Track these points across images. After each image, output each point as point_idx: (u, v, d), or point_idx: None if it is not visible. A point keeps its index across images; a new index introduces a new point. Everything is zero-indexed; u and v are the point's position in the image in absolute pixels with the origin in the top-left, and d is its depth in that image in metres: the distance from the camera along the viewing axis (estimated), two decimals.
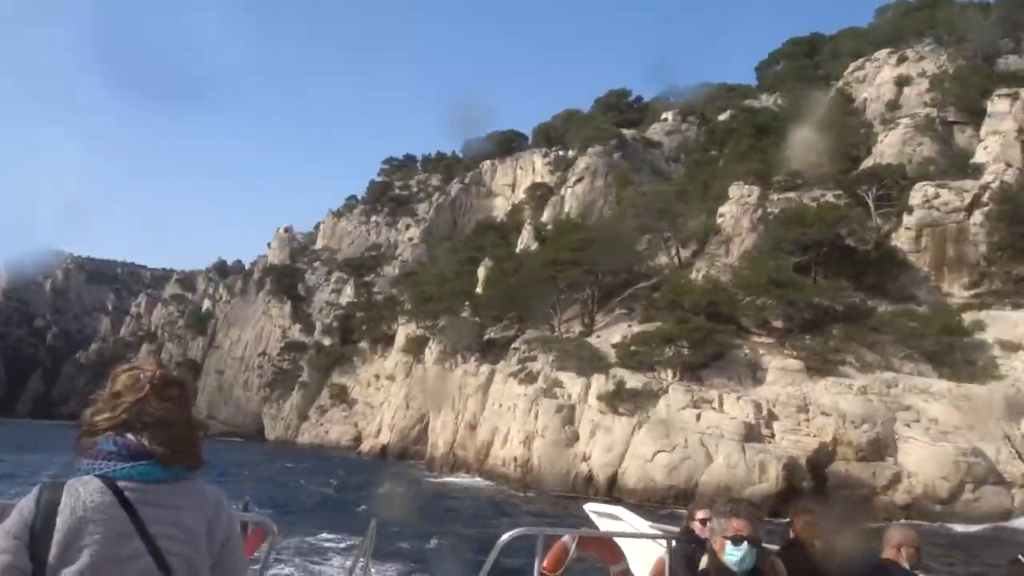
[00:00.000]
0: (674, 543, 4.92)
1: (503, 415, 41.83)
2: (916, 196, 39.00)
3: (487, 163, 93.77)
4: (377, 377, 74.53)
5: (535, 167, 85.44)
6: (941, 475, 29.56)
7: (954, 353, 34.16)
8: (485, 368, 46.78)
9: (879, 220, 40.90)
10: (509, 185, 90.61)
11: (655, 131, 66.55)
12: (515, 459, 38.63)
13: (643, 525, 6.16)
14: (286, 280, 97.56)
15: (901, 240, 39.07)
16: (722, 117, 58.63)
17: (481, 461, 42.69)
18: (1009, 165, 38.65)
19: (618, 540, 5.95)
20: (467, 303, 54.61)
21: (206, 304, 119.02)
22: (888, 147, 43.21)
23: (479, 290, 53.72)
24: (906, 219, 38.97)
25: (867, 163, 43.87)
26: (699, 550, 4.09)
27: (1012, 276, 35.96)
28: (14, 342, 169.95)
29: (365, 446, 64.45)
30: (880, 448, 31.30)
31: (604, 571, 6.05)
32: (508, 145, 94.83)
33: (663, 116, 68.35)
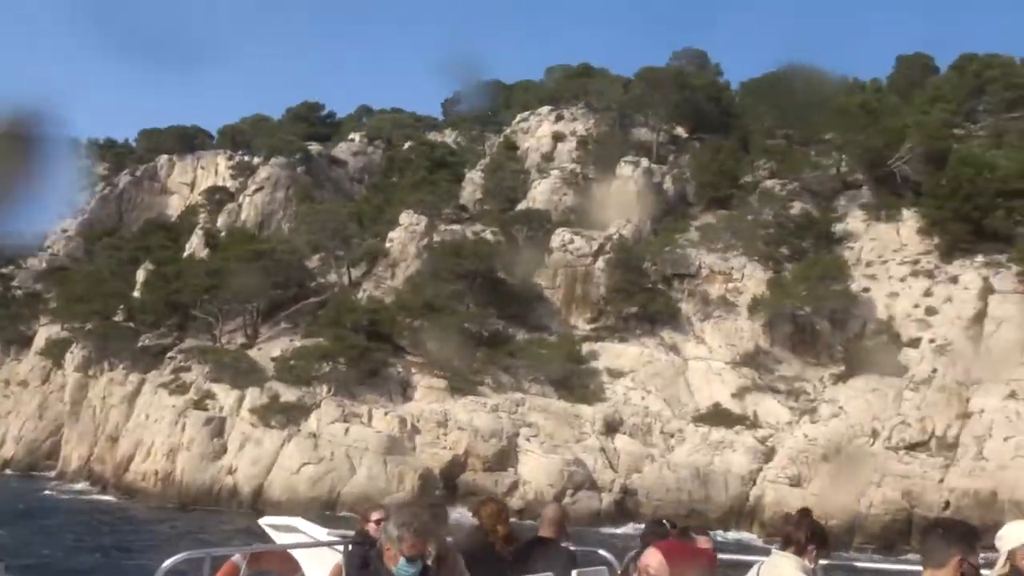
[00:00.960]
0: (350, 547, 5.05)
1: (149, 427, 39.90)
2: (556, 240, 45.00)
3: (164, 157, 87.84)
4: (7, 382, 65.77)
5: (218, 169, 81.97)
6: (549, 482, 34.50)
7: (573, 378, 39.91)
8: (135, 377, 44.15)
9: (527, 257, 46.30)
10: (187, 184, 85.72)
11: (342, 150, 68.00)
12: (156, 472, 37.10)
13: (320, 533, 6.20)
14: None
15: (541, 277, 44.64)
16: (405, 146, 61.94)
17: (119, 476, 40.16)
18: (628, 221, 46.26)
19: (293, 551, 5.86)
20: (122, 306, 51.01)
21: None
22: (540, 193, 49.18)
23: (137, 293, 50.48)
24: (547, 259, 44.65)
25: (523, 205, 49.35)
26: (372, 551, 4.29)
27: (622, 314, 42.93)
28: None
29: None
30: (504, 459, 35.62)
31: None
32: (191, 142, 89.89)
33: (351, 136, 70.08)
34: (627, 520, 33.31)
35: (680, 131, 55.97)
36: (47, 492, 40.71)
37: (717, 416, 38.59)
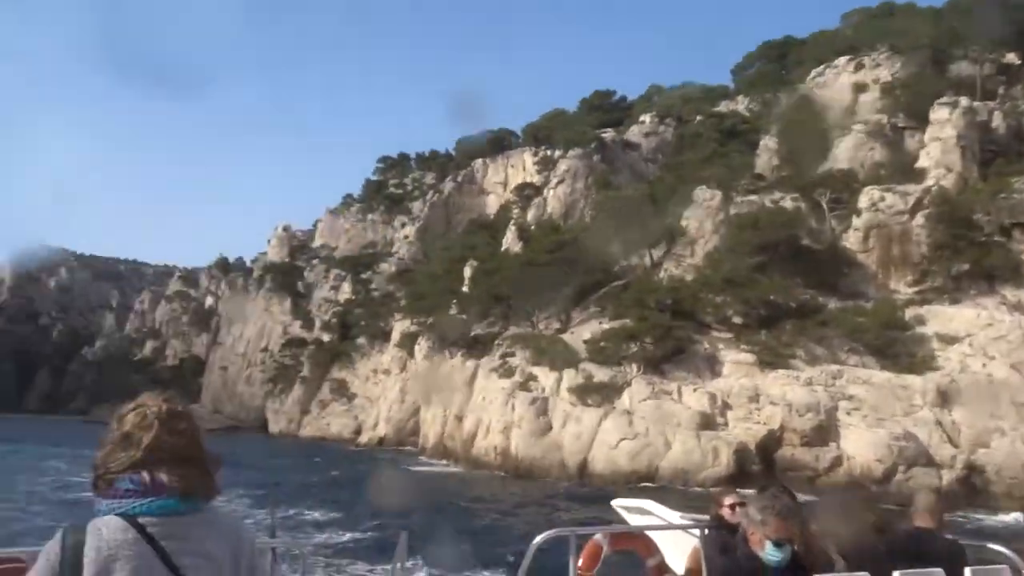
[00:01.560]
0: (706, 531, 4.99)
1: (486, 407, 45.04)
2: (864, 200, 41.97)
3: (479, 161, 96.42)
4: (375, 372, 77.72)
5: (525, 165, 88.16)
6: (876, 458, 32.71)
7: (895, 346, 37.18)
8: (471, 363, 49.95)
9: (833, 222, 43.81)
10: (501, 183, 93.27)
11: (634, 133, 69.45)
12: (495, 448, 41.88)
13: (673, 516, 6.21)
14: (286, 278, 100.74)
15: (850, 241, 42.03)
16: (696, 119, 61.49)
17: (467, 451, 45.89)
18: (949, 170, 41.58)
19: (650, 533, 5.94)
20: (455, 301, 57.73)
21: (209, 301, 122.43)
22: (843, 152, 46.13)
23: (465, 288, 56.72)
24: (855, 221, 41.91)
25: (824, 167, 46.71)
26: (731, 536, 4.24)
27: (951, 273, 38.90)
28: (21, 339, 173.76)
29: (363, 438, 67.87)
30: (823, 434, 34.47)
31: (639, 566, 6.02)
32: (500, 143, 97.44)
33: (641, 119, 71.16)
34: (976, 503, 30.41)
35: (1012, 57, 48.49)
36: (413, 468, 47.29)
37: None
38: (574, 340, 43.73)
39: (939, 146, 42.07)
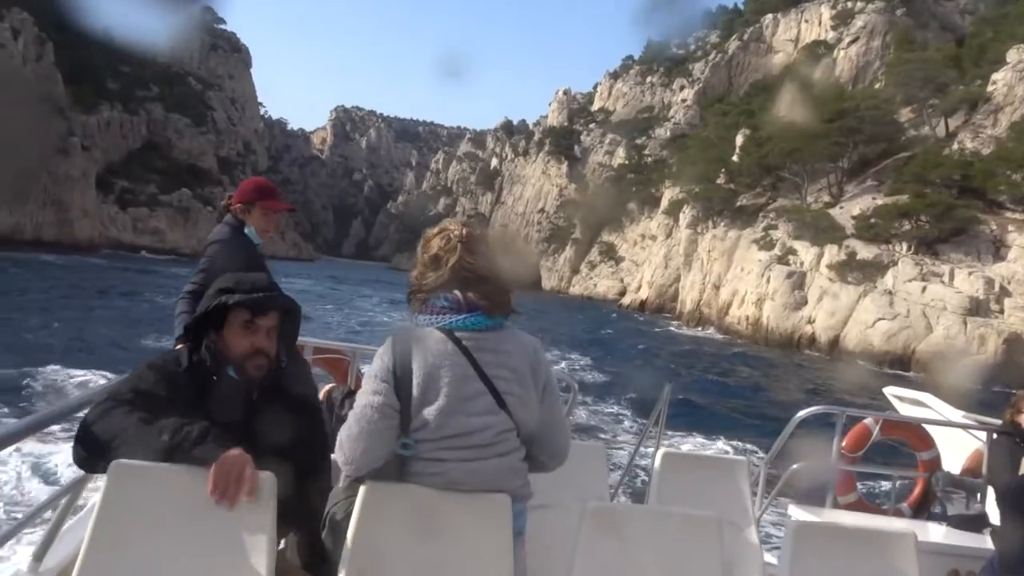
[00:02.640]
0: (995, 436, 4.75)
1: (743, 278, 46.39)
2: None
3: (769, 16, 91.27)
4: (643, 237, 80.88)
5: (821, 19, 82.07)
6: None
7: None
8: (733, 234, 50.98)
9: None
10: (792, 40, 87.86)
11: None
12: (747, 317, 43.52)
13: (955, 414, 5.95)
14: (564, 142, 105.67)
15: None
16: None
17: (721, 318, 48.01)
18: None
19: (928, 427, 5.77)
20: (724, 170, 58.11)
21: (494, 162, 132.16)
22: None
23: (735, 158, 56.75)
24: None
25: None
26: (1022, 447, 4.05)
27: None
28: (339, 192, 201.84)
29: (627, 300, 72.15)
30: None
31: (910, 457, 5.91)
32: None
33: None
34: None
35: None
36: (670, 329, 50.48)
37: None
38: (842, 215, 42.87)
39: None
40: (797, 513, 4.35)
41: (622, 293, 76.43)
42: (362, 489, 2.03)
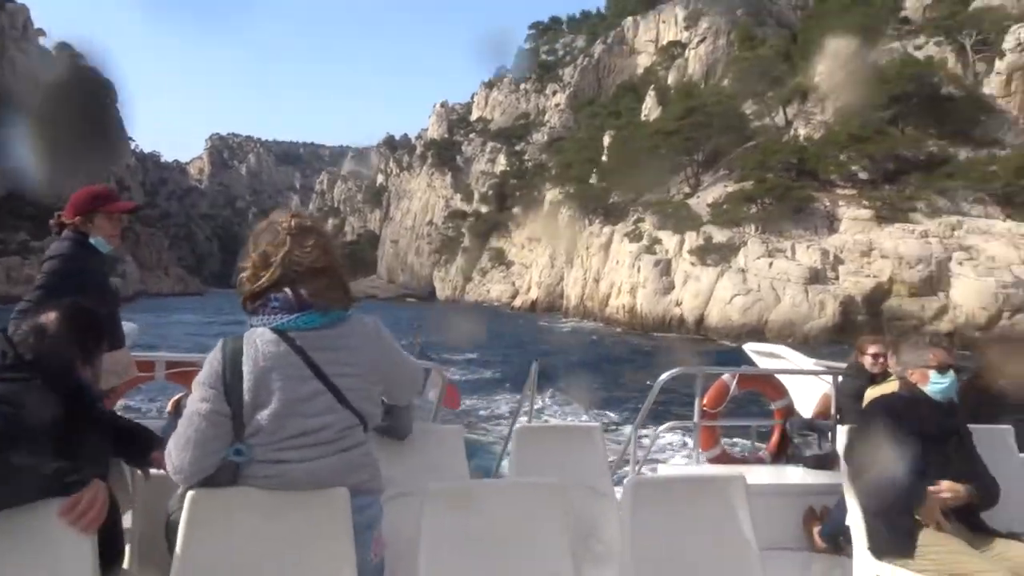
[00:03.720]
0: (840, 379, 5.04)
1: (617, 270, 50.29)
2: (1010, 40, 41.27)
3: (629, 20, 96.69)
4: (529, 240, 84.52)
5: (677, 20, 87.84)
6: (981, 305, 34.88)
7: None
8: (607, 229, 54.91)
9: (978, 66, 43.44)
10: (652, 41, 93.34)
11: None
12: (623, 306, 47.37)
13: (806, 362, 6.33)
14: (445, 153, 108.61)
15: (992, 86, 41.81)
16: None
17: (602, 310, 51.79)
18: None
19: (780, 377, 6.08)
20: (595, 169, 62.20)
21: (380, 179, 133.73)
22: None
23: (604, 158, 60.90)
24: (998, 64, 41.52)
25: (978, 4, 45.62)
26: (866, 385, 4.44)
27: None
28: (223, 222, 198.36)
29: (517, 302, 75.52)
30: (932, 285, 36.84)
31: (767, 407, 6.18)
32: None
33: None
34: None
35: None
36: (556, 324, 54.05)
37: None
38: (699, 204, 47.33)
39: None
40: (666, 472, 4.65)
41: (515, 296, 79.75)
42: (188, 496, 2.05)
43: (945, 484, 3.14)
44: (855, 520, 3.34)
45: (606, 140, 62.48)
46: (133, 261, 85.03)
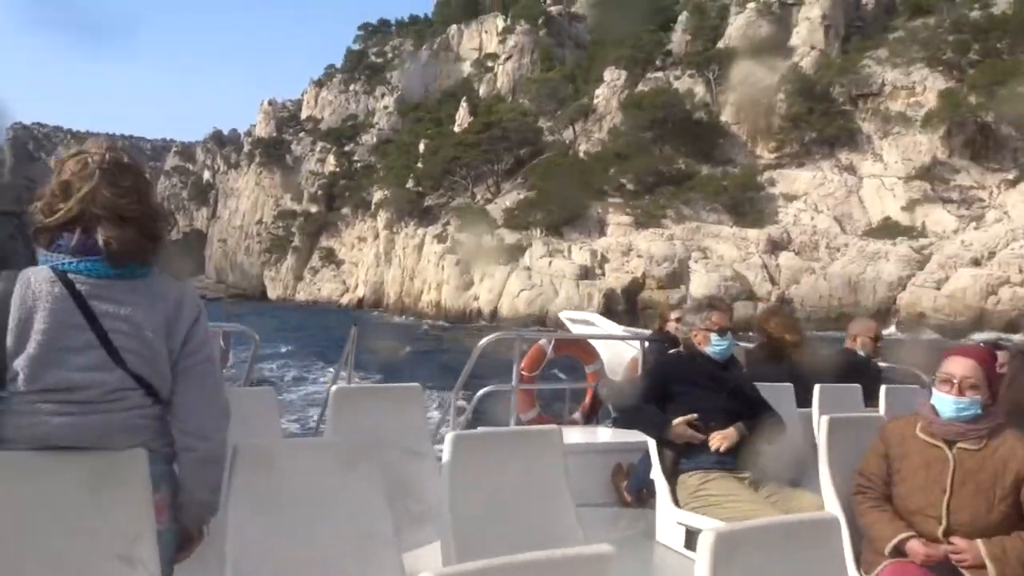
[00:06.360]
0: (647, 344, 5.60)
1: (428, 269, 57.85)
2: (737, 75, 52.15)
3: (454, 27, 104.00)
4: (359, 239, 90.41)
5: (498, 30, 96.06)
6: (709, 294, 44.91)
7: (746, 204, 48.56)
8: (420, 231, 62.31)
9: (720, 97, 54.14)
10: (476, 50, 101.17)
11: (582, 4, 77.90)
12: (431, 301, 55.01)
13: (614, 328, 7.03)
14: (274, 152, 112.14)
15: (727, 113, 52.55)
16: None
17: (416, 305, 59.18)
18: (813, 48, 51.26)
19: (593, 342, 6.47)
20: (412, 174, 69.34)
21: (206, 175, 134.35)
22: (736, 30, 55.61)
23: (419, 163, 68.22)
24: (730, 95, 52.28)
25: (723, 44, 56.43)
26: (672, 347, 4.93)
27: (803, 141, 49.60)
28: (30, 219, 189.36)
29: (345, 299, 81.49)
30: (676, 279, 46.71)
31: (579, 371, 6.51)
32: (475, 7, 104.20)
33: None
34: None
35: None
36: (374, 318, 60.61)
37: (886, 230, 44.93)
38: (496, 209, 55.68)
39: (807, 25, 51.55)
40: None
41: (344, 294, 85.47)
42: None
43: (715, 435, 3.75)
44: (657, 474, 3.84)
45: (421, 147, 69.72)
46: None
